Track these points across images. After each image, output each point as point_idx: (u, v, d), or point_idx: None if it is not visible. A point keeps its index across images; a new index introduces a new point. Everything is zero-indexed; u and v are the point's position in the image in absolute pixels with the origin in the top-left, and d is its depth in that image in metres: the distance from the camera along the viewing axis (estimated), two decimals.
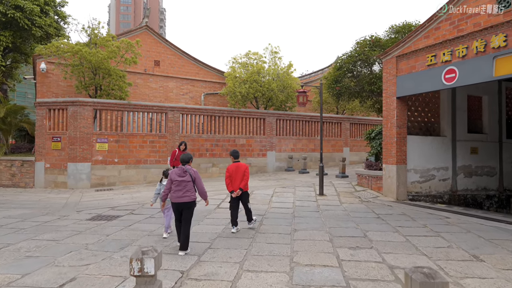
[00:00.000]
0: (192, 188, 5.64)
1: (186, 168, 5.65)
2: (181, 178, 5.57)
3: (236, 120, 17.47)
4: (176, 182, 5.57)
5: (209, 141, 16.64)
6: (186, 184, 5.54)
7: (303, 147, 19.27)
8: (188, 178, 5.58)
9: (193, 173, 5.66)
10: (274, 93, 17.94)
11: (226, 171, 6.88)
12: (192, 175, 5.63)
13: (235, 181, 6.76)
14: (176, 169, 5.72)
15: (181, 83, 19.95)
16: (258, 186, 12.84)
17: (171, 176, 5.65)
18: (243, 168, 6.83)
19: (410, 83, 10.58)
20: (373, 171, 12.06)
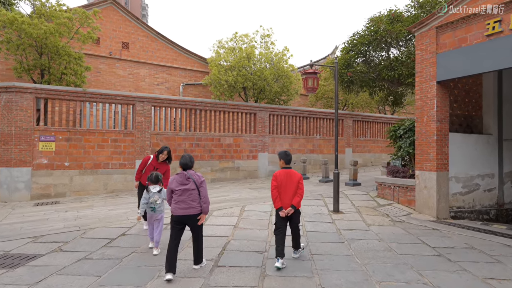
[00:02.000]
0: (197, 198, 4.62)
1: (189, 173, 4.63)
2: (184, 186, 4.55)
3: (221, 115, 14.46)
4: (178, 191, 4.57)
5: (188, 140, 13.56)
6: (190, 193, 4.56)
7: (301, 147, 16.41)
8: (192, 185, 4.58)
9: (197, 178, 4.66)
10: (267, 83, 14.99)
11: (273, 179, 5.06)
12: (196, 182, 4.61)
13: (286, 195, 4.95)
14: (177, 176, 4.67)
15: (155, 70, 16.74)
16: (250, 198, 9.87)
17: (171, 185, 4.62)
18: (296, 177, 5.02)
19: (459, 61, 7.82)
20: (400, 179, 9.27)
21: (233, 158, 14.55)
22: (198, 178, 4.63)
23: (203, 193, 4.60)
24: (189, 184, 4.52)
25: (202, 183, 4.62)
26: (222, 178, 14.28)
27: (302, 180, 5.02)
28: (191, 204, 4.51)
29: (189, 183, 4.53)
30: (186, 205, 4.50)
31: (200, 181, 4.60)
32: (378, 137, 19.28)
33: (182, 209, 4.50)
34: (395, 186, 9.39)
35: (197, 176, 4.64)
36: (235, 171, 14.61)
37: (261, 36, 15.83)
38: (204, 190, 4.64)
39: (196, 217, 4.57)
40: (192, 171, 4.70)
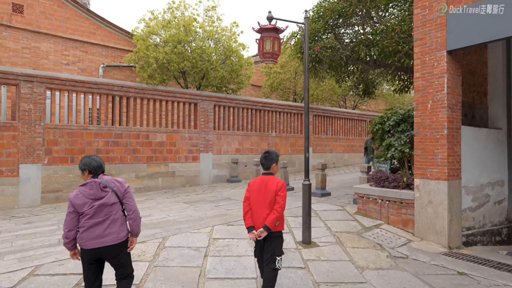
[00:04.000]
0: (121, 217, 3.08)
1: (104, 180, 3.04)
2: (99, 201, 2.97)
3: (150, 104, 11.05)
4: (89, 211, 2.93)
5: (102, 136, 10.00)
6: (110, 210, 3.00)
7: (253, 146, 13.49)
8: (111, 197, 3.02)
9: (118, 186, 3.09)
10: (211, 65, 11.83)
11: (247, 189, 3.56)
12: (118, 191, 3.07)
13: (258, 210, 3.41)
14: (83, 188, 3.00)
15: (64, 45, 12.79)
16: (180, 221, 6.71)
17: (74, 202, 2.94)
18: (273, 186, 3.39)
19: (481, 21, 5.34)
20: (390, 190, 6.67)
21: (167, 161, 11.22)
22: (120, 185, 3.11)
23: (130, 206, 3.11)
24: (106, 196, 3.00)
25: (126, 193, 3.12)
26: (152, 187, 10.90)
27: (283, 190, 3.41)
28: (111, 228, 2.99)
29: (106, 194, 3.00)
30: (103, 231, 2.96)
31: (123, 190, 3.10)
32: (341, 134, 17.01)
33: (98, 237, 2.94)
34: (384, 199, 6.78)
35: (118, 183, 3.12)
36: (169, 177, 11.29)
37: (205, 9, 12.61)
38: (131, 201, 3.14)
39: (120, 247, 3.06)
40: (108, 176, 3.15)
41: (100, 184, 3.00)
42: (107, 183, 3.04)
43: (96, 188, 2.98)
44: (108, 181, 3.07)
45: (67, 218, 2.92)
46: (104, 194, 2.99)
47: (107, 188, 3.02)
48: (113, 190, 3.03)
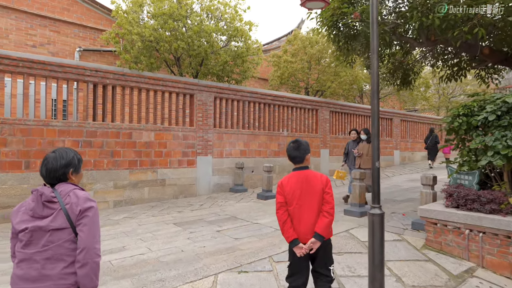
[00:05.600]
0: (69, 254, 1.86)
1: (57, 192, 1.93)
2: (35, 222, 1.87)
3: (134, 94, 8.74)
4: (23, 235, 1.88)
5: (70, 134, 7.67)
6: (50, 239, 1.85)
7: (261, 148, 11.18)
8: (57, 219, 1.87)
9: (73, 203, 1.88)
10: (211, 47, 9.50)
11: (278, 192, 2.84)
12: (71, 211, 1.88)
13: (303, 216, 2.75)
14: (26, 202, 1.95)
15: (30, 23, 10.42)
16: (165, 261, 4.39)
17: (12, 217, 1.97)
18: (317, 184, 2.78)
19: None
20: (487, 216, 4.36)
21: (155, 166, 8.90)
22: (77, 202, 1.88)
23: (81, 240, 1.84)
24: (50, 217, 1.86)
25: (83, 215, 1.87)
26: (135, 199, 8.57)
27: (330, 186, 2.76)
28: (50, 270, 1.83)
29: (50, 213, 1.87)
30: (37, 272, 1.83)
31: (78, 210, 1.87)
32: None
33: (27, 282, 1.83)
34: (474, 230, 4.48)
35: (75, 199, 1.90)
36: (158, 186, 8.96)
37: None
38: (86, 230, 1.86)
39: None
40: (72, 187, 1.96)
41: (42, 196, 1.86)
42: (60, 196, 1.88)
43: (37, 200, 1.87)
44: (63, 193, 1.90)
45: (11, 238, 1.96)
46: (47, 213, 1.86)
47: (55, 204, 1.87)
48: (62, 208, 1.85)
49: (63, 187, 1.93)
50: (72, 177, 2.00)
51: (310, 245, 2.69)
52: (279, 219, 2.78)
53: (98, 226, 1.90)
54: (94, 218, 1.87)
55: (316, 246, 2.70)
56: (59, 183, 1.95)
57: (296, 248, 2.72)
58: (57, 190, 1.91)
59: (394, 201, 8.15)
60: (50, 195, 1.87)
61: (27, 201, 1.95)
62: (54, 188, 1.92)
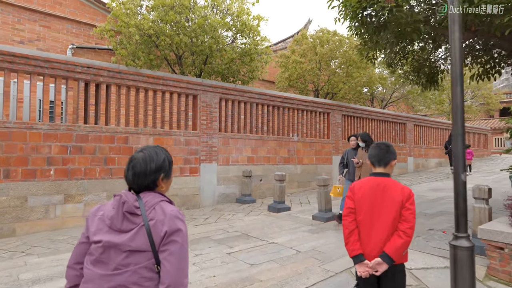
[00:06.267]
0: (140, 282, 1.41)
1: (143, 202, 1.50)
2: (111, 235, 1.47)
3: (132, 94, 7.83)
4: (94, 249, 1.49)
5: (57, 139, 6.73)
6: (124, 262, 1.42)
7: (270, 154, 10.25)
8: (137, 239, 1.43)
9: (158, 221, 1.45)
10: (217, 43, 8.60)
11: (348, 196, 2.49)
12: (153, 230, 1.44)
13: (373, 229, 2.34)
14: (105, 208, 1.55)
15: (18, 16, 9.52)
16: None
17: (88, 219, 1.57)
18: (396, 195, 2.31)
19: None
20: None
21: None
22: (164, 220, 1.45)
23: (166, 272, 1.40)
24: (129, 234, 1.45)
25: (170, 239, 1.43)
26: None
27: (412, 202, 2.30)
28: None
29: (131, 228, 1.46)
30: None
31: (164, 231, 1.43)
32: (374, 140, 13.76)
33: None
34: None
35: (162, 215, 1.47)
36: None
37: None
38: (172, 259, 1.41)
39: None
40: (156, 195, 1.55)
41: (125, 205, 1.47)
42: (144, 209, 1.48)
43: (117, 208, 1.48)
44: (149, 205, 1.50)
45: (76, 245, 1.60)
46: (127, 227, 1.47)
47: (137, 218, 1.47)
48: (145, 224, 1.45)
49: (150, 197, 1.53)
50: (162, 184, 1.60)
51: (374, 266, 2.28)
52: (345, 227, 2.44)
53: (187, 255, 1.48)
54: (183, 246, 1.46)
55: (381, 268, 2.27)
56: (145, 191, 1.56)
57: (359, 266, 2.35)
58: (142, 200, 1.51)
59: (425, 215, 7.20)
60: (134, 204, 1.48)
61: (107, 205, 1.58)
62: (139, 196, 1.52)
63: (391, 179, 2.43)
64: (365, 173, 6.18)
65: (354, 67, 11.79)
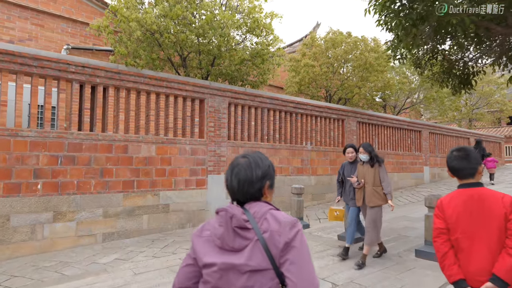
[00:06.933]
0: None
1: (250, 214, 1.33)
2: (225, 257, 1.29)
3: (132, 97, 6.99)
4: (209, 275, 1.31)
5: (46, 148, 5.87)
6: (245, 286, 1.24)
7: (283, 164, 9.38)
8: (253, 256, 1.25)
9: (274, 232, 1.27)
10: (227, 42, 7.80)
11: (436, 215, 2.25)
12: (269, 243, 1.26)
13: (472, 250, 2.08)
14: (214, 220, 1.38)
15: (8, 13, 8.69)
16: None
17: (194, 242, 1.41)
18: (497, 207, 2.02)
19: None
20: None
21: (156, 187, 7.06)
22: (280, 229, 1.28)
23: (294, 282, 1.21)
24: (243, 252, 1.27)
25: (289, 246, 1.26)
26: (131, 230, 6.70)
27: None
28: None
29: (244, 245, 1.29)
30: None
31: (283, 242, 1.26)
32: (388, 148, 12.96)
33: None
34: None
35: (276, 224, 1.29)
36: (161, 213, 7.11)
37: None
38: (297, 271, 1.22)
39: None
40: (262, 204, 1.38)
41: (233, 219, 1.32)
42: (254, 221, 1.32)
43: (226, 225, 1.32)
44: (258, 216, 1.34)
45: (180, 267, 1.46)
46: (240, 244, 1.30)
47: (249, 232, 1.30)
48: (259, 238, 1.28)
49: (257, 207, 1.35)
50: (267, 193, 1.42)
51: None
52: (437, 250, 2.21)
53: (309, 257, 1.27)
54: (303, 250, 1.27)
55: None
56: (250, 201, 1.38)
57: None
58: (249, 212, 1.34)
59: None
60: (242, 218, 1.30)
61: (210, 223, 1.41)
62: (244, 208, 1.35)
63: (485, 188, 2.15)
64: (370, 197, 4.85)
65: (371, 71, 11.00)
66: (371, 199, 4.86)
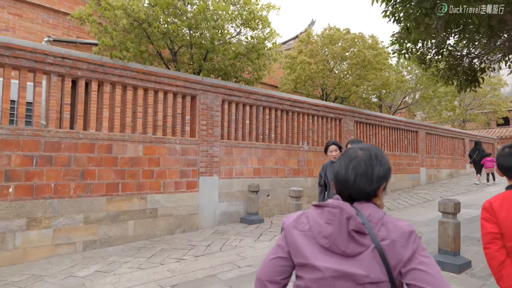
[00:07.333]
0: None
1: (364, 217, 1.15)
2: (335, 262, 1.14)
3: (117, 92, 6.41)
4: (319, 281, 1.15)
5: (18, 146, 5.27)
6: None
7: (279, 165, 8.90)
8: (370, 266, 1.09)
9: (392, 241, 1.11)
10: (220, 35, 7.28)
11: (486, 218, 1.97)
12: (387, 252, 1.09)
13: None
14: (316, 212, 1.23)
15: None
16: None
17: (289, 233, 1.26)
18: None
19: None
20: None
21: (143, 190, 6.50)
22: (400, 238, 1.12)
23: None
24: (357, 260, 1.12)
25: (412, 257, 1.09)
26: (115, 237, 6.13)
27: None
28: None
29: (359, 251, 1.13)
30: None
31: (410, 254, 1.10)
32: (385, 148, 12.61)
33: None
34: None
35: (395, 232, 1.13)
36: (148, 218, 6.55)
37: None
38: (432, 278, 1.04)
39: None
40: (375, 207, 1.19)
41: (350, 221, 1.16)
42: (370, 225, 1.16)
43: (339, 225, 1.17)
44: (374, 220, 1.17)
45: (267, 257, 1.31)
46: (353, 250, 1.15)
47: (365, 238, 1.14)
48: (377, 246, 1.12)
49: (371, 210, 1.18)
50: (380, 196, 1.25)
51: None
52: (491, 258, 1.92)
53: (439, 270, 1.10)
54: (431, 258, 1.11)
55: None
56: (362, 201, 1.21)
57: None
58: (361, 213, 1.16)
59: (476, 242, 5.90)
60: (357, 221, 1.14)
61: (309, 216, 1.25)
62: (355, 208, 1.18)
63: None
64: None
65: (369, 68, 10.60)
66: None
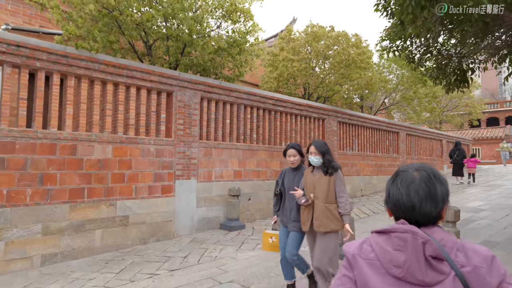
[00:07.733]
0: None
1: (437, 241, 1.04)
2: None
3: (83, 87, 5.73)
4: None
5: None
6: None
7: (260, 168, 8.44)
8: None
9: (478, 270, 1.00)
10: (200, 28, 6.73)
11: None
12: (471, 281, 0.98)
13: None
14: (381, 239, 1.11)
15: None
16: None
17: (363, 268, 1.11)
18: None
19: None
20: None
21: (113, 195, 5.86)
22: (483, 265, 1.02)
23: None
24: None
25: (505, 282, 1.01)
26: (80, 249, 5.46)
27: None
28: None
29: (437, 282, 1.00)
30: None
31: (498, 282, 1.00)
32: (368, 150, 12.40)
33: None
34: None
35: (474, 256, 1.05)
36: (118, 226, 5.91)
37: None
38: None
39: None
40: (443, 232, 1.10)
41: (426, 246, 1.05)
42: (445, 250, 1.05)
43: (413, 251, 1.05)
44: (450, 246, 1.07)
45: None
46: (433, 279, 1.03)
47: (443, 265, 1.03)
48: (457, 274, 1.02)
49: (442, 234, 1.09)
50: (444, 217, 1.15)
51: None
52: None
53: None
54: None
55: None
56: (429, 225, 1.12)
57: None
58: (434, 238, 1.07)
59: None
60: (433, 248, 1.04)
61: (372, 243, 1.15)
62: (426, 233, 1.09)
63: None
64: (321, 219, 3.34)
65: (353, 67, 10.33)
66: (323, 222, 3.34)
